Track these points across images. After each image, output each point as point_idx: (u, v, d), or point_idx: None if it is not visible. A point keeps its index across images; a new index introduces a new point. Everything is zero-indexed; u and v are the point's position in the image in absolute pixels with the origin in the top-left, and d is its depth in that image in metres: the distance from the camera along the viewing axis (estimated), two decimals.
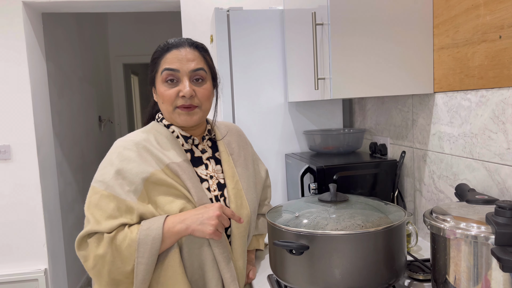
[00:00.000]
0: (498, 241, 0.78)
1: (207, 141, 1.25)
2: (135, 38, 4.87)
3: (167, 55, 1.12)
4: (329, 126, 2.04)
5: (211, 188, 1.17)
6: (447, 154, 1.33)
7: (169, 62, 1.11)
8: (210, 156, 1.23)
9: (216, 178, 1.20)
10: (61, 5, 2.54)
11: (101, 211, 1.05)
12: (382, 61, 1.35)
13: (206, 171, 1.19)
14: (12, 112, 2.50)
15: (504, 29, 1.06)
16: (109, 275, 1.04)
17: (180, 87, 1.11)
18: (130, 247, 1.03)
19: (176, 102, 1.12)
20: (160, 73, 1.13)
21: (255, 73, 1.93)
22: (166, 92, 1.12)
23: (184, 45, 1.13)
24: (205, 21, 2.47)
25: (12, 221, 2.57)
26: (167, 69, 1.11)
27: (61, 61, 3.28)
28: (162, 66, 1.12)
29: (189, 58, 1.12)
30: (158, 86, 1.14)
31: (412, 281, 1.14)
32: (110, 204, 1.05)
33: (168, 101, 1.12)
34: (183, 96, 1.11)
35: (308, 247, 0.96)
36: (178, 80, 1.12)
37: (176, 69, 1.11)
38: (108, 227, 1.04)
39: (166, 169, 1.10)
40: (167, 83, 1.12)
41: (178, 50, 1.12)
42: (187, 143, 1.19)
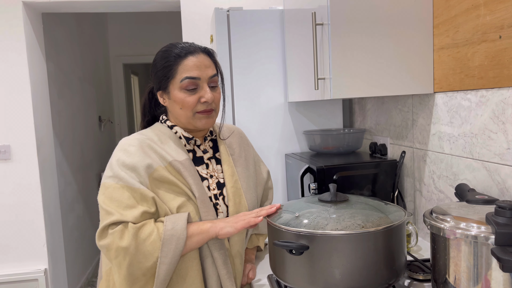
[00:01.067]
0: (498, 241, 0.78)
1: (209, 141, 1.28)
2: (135, 38, 4.87)
3: (186, 62, 1.13)
4: (329, 126, 2.04)
5: (210, 187, 1.20)
6: (447, 154, 1.33)
7: (189, 70, 1.13)
8: (211, 156, 1.25)
9: (216, 177, 1.22)
10: (61, 5, 2.54)
11: (117, 203, 1.06)
12: (382, 61, 1.35)
13: (206, 170, 1.22)
14: (12, 112, 2.50)
15: (504, 29, 1.06)
16: (128, 269, 1.04)
17: (201, 93, 1.14)
18: (155, 244, 1.04)
19: (197, 108, 1.15)
20: (178, 81, 1.13)
21: (255, 73, 1.93)
22: (187, 99, 1.13)
23: (198, 52, 1.15)
24: (205, 21, 2.47)
25: (12, 221, 2.57)
26: (189, 78, 1.12)
27: (61, 61, 3.28)
28: (182, 74, 1.13)
29: (207, 65, 1.15)
30: (175, 93, 1.15)
31: (412, 281, 1.14)
32: (124, 194, 1.06)
33: (189, 108, 1.14)
34: (204, 102, 1.14)
35: (308, 247, 0.96)
36: (197, 87, 1.14)
37: (197, 77, 1.13)
38: (132, 217, 1.04)
39: (169, 167, 1.13)
40: (188, 91, 1.13)
41: (195, 57, 1.14)
42: (189, 144, 1.22)
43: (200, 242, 1.09)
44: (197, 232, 1.08)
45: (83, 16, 3.91)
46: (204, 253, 1.13)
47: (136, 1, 2.52)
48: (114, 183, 1.07)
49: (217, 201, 1.19)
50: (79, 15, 3.80)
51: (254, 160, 1.37)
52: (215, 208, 1.18)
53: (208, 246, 1.13)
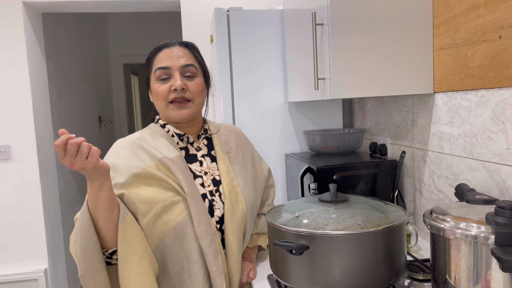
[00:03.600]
0: (498, 241, 0.78)
1: (203, 139, 1.29)
2: (135, 38, 4.87)
3: (159, 55, 1.19)
4: (329, 126, 2.04)
5: (205, 184, 1.21)
6: (447, 154, 1.33)
7: (161, 61, 1.18)
8: (205, 153, 1.27)
9: (211, 174, 1.23)
10: (61, 5, 2.54)
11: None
12: (382, 61, 1.35)
13: (200, 168, 1.23)
14: (12, 112, 2.50)
15: (504, 29, 1.06)
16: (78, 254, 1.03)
17: (171, 82, 1.17)
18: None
19: (169, 97, 1.17)
20: (153, 73, 1.19)
21: (255, 73, 1.93)
22: (159, 88, 1.17)
23: (174, 45, 1.20)
24: (205, 21, 2.47)
25: (12, 221, 2.57)
26: (159, 68, 1.17)
27: (61, 61, 3.28)
28: (155, 66, 1.19)
29: (179, 55, 1.18)
30: (152, 84, 1.20)
31: (412, 281, 1.14)
32: None
33: (162, 97, 1.17)
34: (175, 89, 1.16)
35: (308, 247, 0.96)
36: (170, 77, 1.17)
37: (167, 66, 1.17)
38: None
39: (159, 164, 1.15)
40: (160, 81, 1.18)
41: (169, 49, 1.19)
42: (182, 141, 1.24)
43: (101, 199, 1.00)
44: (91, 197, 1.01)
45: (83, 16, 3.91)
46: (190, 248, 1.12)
47: (136, 1, 2.52)
48: None
49: (213, 197, 1.20)
50: (79, 15, 3.80)
51: (254, 158, 1.38)
52: (211, 204, 1.19)
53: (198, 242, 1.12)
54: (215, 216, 1.18)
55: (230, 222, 1.18)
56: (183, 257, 1.13)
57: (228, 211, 1.19)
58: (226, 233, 1.18)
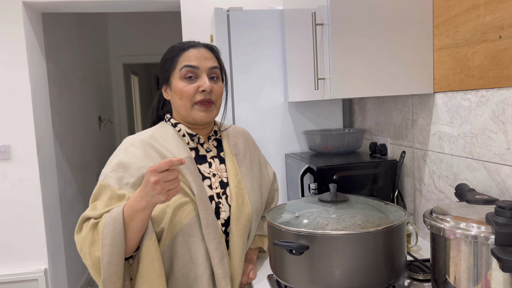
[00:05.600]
0: (498, 241, 0.78)
1: (213, 140, 1.28)
2: (135, 38, 4.87)
3: (186, 53, 1.17)
4: (329, 126, 2.04)
5: (213, 186, 1.20)
6: (447, 154, 1.33)
7: (188, 59, 1.16)
8: (214, 155, 1.26)
9: (219, 176, 1.23)
10: (61, 5, 2.54)
11: (99, 201, 1.11)
12: (382, 61, 1.35)
13: (209, 169, 1.22)
14: (12, 112, 2.50)
15: (504, 29, 1.06)
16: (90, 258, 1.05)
17: (199, 82, 1.16)
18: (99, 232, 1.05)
19: (195, 98, 1.16)
20: (178, 70, 1.16)
21: (255, 73, 1.93)
22: (185, 88, 1.15)
23: (200, 46, 1.20)
24: (205, 21, 2.47)
25: (12, 221, 2.57)
26: (187, 66, 1.15)
27: (61, 61, 3.28)
28: (181, 64, 1.16)
29: (207, 57, 1.18)
30: (175, 83, 1.17)
31: (412, 281, 1.14)
32: (106, 194, 1.11)
33: (187, 97, 1.16)
34: (202, 90, 1.15)
35: (308, 247, 0.96)
36: (196, 77, 1.16)
37: (196, 66, 1.16)
38: (97, 214, 1.08)
39: None
40: (186, 80, 1.16)
41: (196, 49, 1.18)
42: (193, 141, 1.23)
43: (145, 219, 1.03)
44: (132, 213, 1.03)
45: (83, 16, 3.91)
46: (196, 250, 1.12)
47: (136, 1, 2.52)
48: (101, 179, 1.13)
49: (220, 199, 1.19)
50: (79, 15, 3.80)
51: (260, 161, 1.38)
52: (217, 207, 1.18)
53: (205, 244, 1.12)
54: (220, 219, 1.18)
55: (236, 224, 1.17)
56: (189, 259, 1.12)
57: (234, 213, 1.18)
58: (231, 235, 1.17)
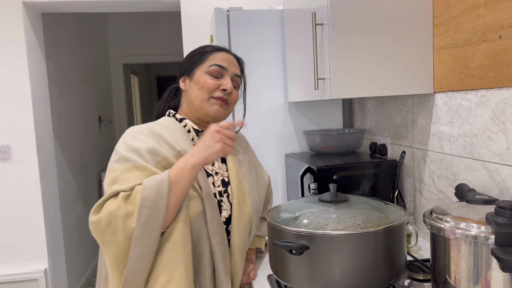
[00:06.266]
0: (498, 241, 0.78)
1: None
2: (135, 38, 4.87)
3: (218, 53, 1.23)
4: (329, 126, 2.04)
5: (215, 184, 1.21)
6: (447, 154, 1.33)
7: (220, 60, 1.22)
8: None
9: (221, 175, 1.24)
10: (61, 5, 2.54)
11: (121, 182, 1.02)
12: (382, 61, 1.35)
13: (212, 167, 1.23)
14: (12, 112, 2.50)
15: (504, 29, 1.06)
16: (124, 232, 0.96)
17: (222, 81, 1.21)
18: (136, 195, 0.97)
19: (215, 93, 1.20)
20: (207, 66, 1.21)
21: (255, 73, 1.93)
22: (209, 81, 1.20)
23: (231, 53, 1.27)
24: (205, 21, 2.47)
25: (12, 221, 2.57)
26: (217, 65, 1.21)
27: (61, 61, 3.28)
28: (212, 61, 1.22)
29: (235, 64, 1.26)
30: (200, 75, 1.21)
31: (412, 281, 1.14)
32: (131, 174, 1.02)
33: (207, 89, 1.20)
34: (223, 89, 1.20)
35: (308, 247, 0.96)
36: (221, 77, 1.22)
37: (225, 67, 1.22)
38: (128, 187, 0.99)
39: (178, 156, 1.13)
40: (212, 76, 1.21)
41: (227, 54, 1.25)
42: (198, 138, 1.24)
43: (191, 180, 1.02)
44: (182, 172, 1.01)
45: (83, 16, 3.91)
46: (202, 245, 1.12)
47: (136, 1, 2.52)
48: (120, 165, 1.04)
49: (222, 198, 1.20)
50: (79, 15, 3.80)
51: (256, 164, 1.40)
52: (219, 204, 1.18)
53: (209, 239, 1.12)
54: (222, 217, 1.18)
55: (237, 222, 1.18)
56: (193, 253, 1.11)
57: (236, 212, 1.19)
58: (232, 233, 1.18)
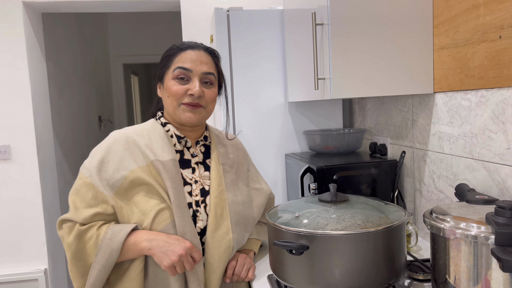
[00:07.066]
0: (498, 241, 0.78)
1: (201, 146, 1.25)
2: (135, 38, 4.87)
3: (182, 54, 1.16)
4: (329, 126, 2.04)
5: (193, 193, 1.17)
6: (447, 154, 1.33)
7: (183, 61, 1.15)
8: (200, 161, 1.23)
9: (201, 183, 1.19)
10: (61, 5, 2.54)
11: (80, 199, 1.12)
12: (382, 61, 1.35)
13: (192, 175, 1.19)
14: (12, 112, 2.50)
15: (504, 29, 1.06)
16: (70, 265, 1.11)
17: (189, 86, 1.15)
18: (92, 249, 1.08)
19: (183, 99, 1.15)
20: (172, 70, 1.16)
21: (255, 73, 1.93)
22: (175, 87, 1.15)
23: (199, 48, 1.18)
24: (205, 21, 2.47)
25: (12, 221, 2.56)
26: (180, 68, 1.15)
27: (61, 61, 3.28)
28: (176, 64, 1.16)
29: (203, 61, 1.16)
30: (167, 81, 1.17)
31: (412, 281, 1.14)
32: (89, 192, 1.11)
33: (174, 96, 1.15)
34: (191, 94, 1.14)
35: (308, 247, 0.96)
36: (188, 79, 1.15)
37: (189, 68, 1.15)
38: (83, 218, 1.10)
39: (150, 166, 1.12)
40: (177, 80, 1.15)
41: (193, 51, 1.16)
42: (180, 144, 1.21)
43: (136, 256, 1.09)
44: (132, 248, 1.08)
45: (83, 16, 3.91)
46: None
47: (136, 1, 2.52)
48: (86, 176, 1.13)
49: (198, 208, 1.16)
50: (79, 15, 3.80)
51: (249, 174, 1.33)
52: (194, 214, 1.15)
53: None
54: (196, 227, 1.14)
55: (212, 236, 1.14)
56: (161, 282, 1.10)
57: (212, 225, 1.14)
58: (207, 247, 1.14)
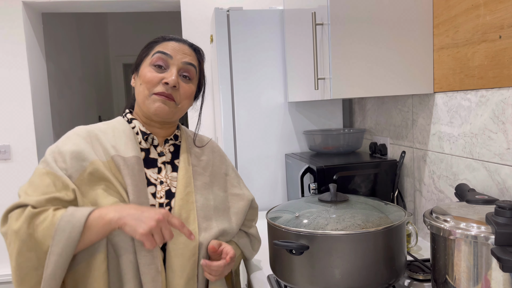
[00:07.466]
0: (498, 241, 0.78)
1: (170, 145, 1.15)
2: (135, 38, 4.87)
3: (165, 43, 1.09)
4: (329, 126, 2.04)
5: (157, 194, 1.06)
6: (447, 154, 1.33)
7: (165, 48, 1.08)
8: (167, 161, 1.12)
9: (168, 185, 1.09)
10: (61, 5, 2.54)
11: (33, 187, 0.97)
12: (382, 61, 1.35)
13: (157, 175, 1.09)
14: (12, 112, 2.50)
15: (504, 29, 1.06)
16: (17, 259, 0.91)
17: (166, 74, 1.06)
18: (47, 231, 0.90)
19: (156, 88, 1.05)
20: (150, 56, 1.08)
21: (255, 73, 1.93)
22: (150, 74, 1.06)
23: (184, 42, 1.12)
24: (205, 21, 2.47)
25: None
26: (160, 52, 1.07)
27: (61, 61, 3.28)
28: (156, 49, 1.08)
29: (186, 52, 1.09)
30: (143, 68, 1.09)
31: (412, 281, 1.14)
32: (45, 180, 0.98)
33: (148, 84, 1.06)
34: (166, 83, 1.05)
35: (308, 247, 0.96)
36: (166, 68, 1.07)
37: (169, 54, 1.07)
38: (35, 200, 0.94)
39: (111, 162, 1.02)
40: (154, 67, 1.07)
41: (177, 43, 1.10)
42: (146, 141, 1.11)
43: (101, 234, 0.93)
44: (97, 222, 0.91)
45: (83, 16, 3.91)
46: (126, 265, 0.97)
47: (136, 1, 2.52)
48: (41, 167, 1.00)
49: None
50: (79, 15, 3.80)
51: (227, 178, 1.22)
52: None
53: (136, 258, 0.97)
54: None
55: (174, 242, 1.01)
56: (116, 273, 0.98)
57: (174, 230, 1.01)
58: (168, 254, 1.01)
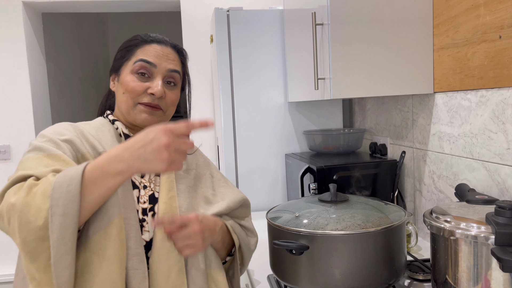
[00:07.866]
0: (498, 241, 0.78)
1: None
2: None
3: (147, 47, 1.03)
4: (329, 126, 2.04)
5: (141, 199, 1.00)
6: (447, 154, 1.33)
7: (147, 54, 1.01)
8: None
9: (151, 189, 1.03)
10: (61, 5, 2.54)
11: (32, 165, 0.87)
12: (382, 61, 1.35)
13: (141, 179, 1.03)
14: (12, 112, 2.50)
15: (504, 29, 1.06)
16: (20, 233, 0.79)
17: (150, 84, 1.00)
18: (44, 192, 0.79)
19: (141, 98, 1.00)
20: (132, 62, 1.02)
21: (255, 73, 1.93)
22: (133, 84, 1.00)
23: (166, 44, 1.05)
24: (205, 21, 2.47)
25: None
26: (143, 60, 1.00)
27: (61, 61, 3.28)
28: (138, 56, 1.02)
29: (170, 58, 1.04)
30: (124, 75, 1.02)
31: (412, 281, 1.14)
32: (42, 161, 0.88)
33: (131, 93, 1.00)
34: (152, 94, 1.00)
35: (308, 247, 0.96)
36: (150, 76, 1.01)
37: (153, 63, 1.01)
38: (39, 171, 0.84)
39: None
40: (137, 75, 1.01)
41: (160, 46, 1.03)
42: None
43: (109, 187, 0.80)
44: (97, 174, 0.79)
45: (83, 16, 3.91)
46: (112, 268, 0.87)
47: (136, 1, 2.52)
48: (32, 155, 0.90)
49: (145, 217, 0.97)
50: (79, 15, 3.80)
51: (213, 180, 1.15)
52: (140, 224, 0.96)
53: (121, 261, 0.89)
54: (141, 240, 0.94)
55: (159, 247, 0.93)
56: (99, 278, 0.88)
57: (158, 234, 0.94)
58: (152, 260, 0.93)
